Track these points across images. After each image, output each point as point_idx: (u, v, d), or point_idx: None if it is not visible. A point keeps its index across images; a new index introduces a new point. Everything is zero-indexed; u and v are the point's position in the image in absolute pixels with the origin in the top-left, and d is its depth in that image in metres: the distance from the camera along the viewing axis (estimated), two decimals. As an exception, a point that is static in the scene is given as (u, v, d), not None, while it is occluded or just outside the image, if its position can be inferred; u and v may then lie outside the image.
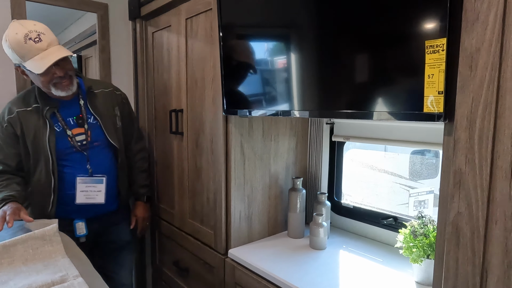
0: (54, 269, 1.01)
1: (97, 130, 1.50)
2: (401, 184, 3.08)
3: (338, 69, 0.99)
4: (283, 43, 1.17)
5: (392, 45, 0.85)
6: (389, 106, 0.88)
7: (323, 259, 1.32)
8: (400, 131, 1.36)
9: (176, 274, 1.76)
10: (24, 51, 1.27)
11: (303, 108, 1.11)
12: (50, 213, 1.44)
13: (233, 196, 1.40)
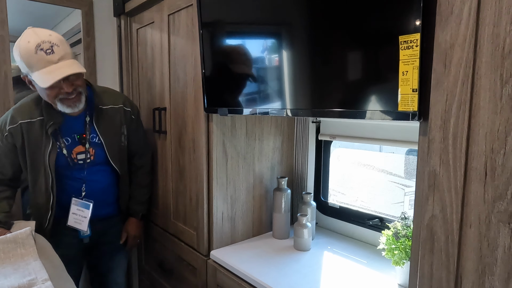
0: (24, 273, 0.98)
1: (100, 150, 1.43)
2: (396, 183, 3.06)
3: (323, 67, 0.96)
4: (265, 40, 1.13)
5: (368, 41, 0.81)
6: (369, 104, 0.84)
7: (307, 260, 1.29)
8: (388, 130, 1.33)
9: (161, 275, 1.74)
10: (33, 62, 1.17)
11: (286, 107, 1.07)
12: (46, 230, 1.40)
13: (215, 196, 1.37)
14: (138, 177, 1.63)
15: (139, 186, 1.64)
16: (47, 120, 1.32)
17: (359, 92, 0.84)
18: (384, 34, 0.78)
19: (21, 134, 1.33)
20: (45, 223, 1.40)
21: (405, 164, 2.83)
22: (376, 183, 3.17)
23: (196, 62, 1.35)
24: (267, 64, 1.11)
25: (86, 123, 1.40)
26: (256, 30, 1.17)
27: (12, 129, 1.32)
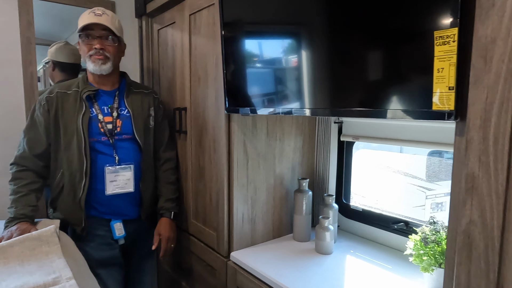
0: (48, 270, 0.99)
1: (127, 123, 1.48)
2: (417, 186, 2.97)
3: (345, 66, 0.93)
4: (287, 39, 1.11)
5: (399, 37, 0.78)
6: (398, 103, 0.81)
7: (329, 264, 1.26)
8: (413, 131, 1.28)
9: (180, 275, 1.73)
10: (83, 19, 1.37)
11: (305, 106, 1.05)
12: (81, 200, 1.38)
13: (235, 197, 1.36)
14: (164, 173, 1.60)
15: (167, 183, 1.60)
16: (82, 88, 1.42)
17: (394, 92, 0.81)
18: (415, 29, 0.75)
19: (56, 102, 1.40)
20: (79, 192, 1.38)
21: (427, 166, 2.75)
22: (396, 186, 3.09)
23: (217, 62, 1.34)
24: (288, 63, 1.09)
25: (116, 95, 1.49)
26: (278, 29, 1.15)
27: (48, 97, 1.40)
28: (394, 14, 0.78)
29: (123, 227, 1.47)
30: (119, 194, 1.44)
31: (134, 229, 1.52)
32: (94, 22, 1.36)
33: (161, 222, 1.56)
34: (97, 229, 1.44)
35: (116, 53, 1.44)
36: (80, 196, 1.38)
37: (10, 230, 1.21)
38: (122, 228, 1.47)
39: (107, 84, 1.48)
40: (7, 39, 1.69)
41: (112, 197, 1.44)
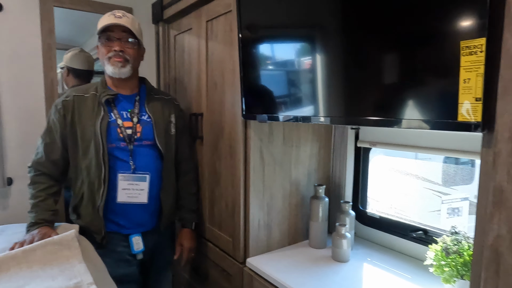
0: (70, 275, 1.01)
1: (148, 128, 1.42)
2: (432, 190, 2.91)
3: (364, 73, 0.93)
4: (305, 45, 1.11)
5: (423, 46, 0.77)
6: (419, 113, 0.80)
7: (346, 272, 1.24)
8: (432, 138, 1.26)
9: (195, 280, 1.74)
10: (103, 20, 1.35)
11: (325, 114, 1.05)
12: (99, 209, 1.35)
13: (251, 203, 1.36)
14: (186, 184, 1.58)
15: (189, 194, 1.59)
16: (101, 92, 1.38)
17: (416, 101, 0.80)
18: (439, 37, 0.73)
19: (72, 106, 1.36)
20: (98, 200, 1.34)
21: (443, 170, 2.69)
22: (411, 190, 3.03)
23: (234, 68, 1.34)
24: (305, 69, 1.09)
25: (136, 101, 1.45)
26: (295, 34, 1.14)
27: (65, 101, 1.37)
28: (417, 20, 0.78)
29: (141, 241, 1.43)
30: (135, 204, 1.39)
31: (153, 242, 1.48)
32: (114, 24, 1.32)
33: (183, 233, 1.56)
34: (116, 245, 1.40)
35: (136, 56, 1.41)
36: (99, 205, 1.35)
37: (31, 234, 1.22)
38: (141, 242, 1.43)
39: (126, 88, 1.44)
40: (29, 46, 1.74)
41: (130, 206, 1.39)
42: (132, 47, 1.38)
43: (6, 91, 1.70)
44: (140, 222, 1.43)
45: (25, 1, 1.71)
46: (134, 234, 1.42)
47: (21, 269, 1.03)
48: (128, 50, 1.37)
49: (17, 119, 1.73)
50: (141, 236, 1.43)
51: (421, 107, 0.80)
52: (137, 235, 1.42)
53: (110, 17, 1.36)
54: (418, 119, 0.80)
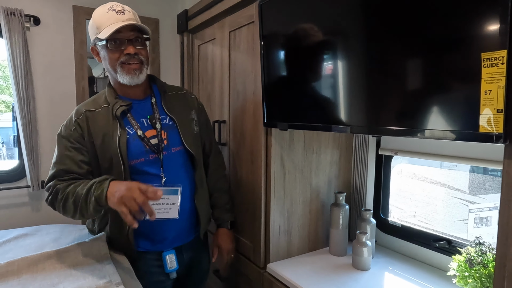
0: (99, 275, 1.06)
1: (174, 133, 1.27)
2: (459, 199, 2.82)
3: (385, 84, 0.94)
4: (326, 53, 1.13)
5: (444, 56, 0.78)
6: (441, 123, 0.80)
7: (367, 281, 1.24)
8: (457, 147, 1.24)
9: (216, 283, 1.78)
10: (103, 20, 1.15)
11: (346, 123, 1.06)
12: (129, 234, 1.21)
13: (272, 209, 1.38)
14: (217, 182, 1.45)
15: (221, 192, 1.46)
16: (113, 104, 1.20)
17: (436, 112, 0.80)
18: (460, 48, 0.74)
19: (87, 124, 1.20)
20: (126, 226, 1.19)
21: (470, 179, 2.61)
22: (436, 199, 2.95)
23: (256, 77, 1.38)
24: (325, 78, 1.11)
25: (153, 104, 1.28)
26: (316, 43, 1.16)
27: (78, 119, 1.20)
28: (438, 32, 0.78)
29: (175, 259, 1.28)
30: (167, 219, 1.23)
31: (188, 256, 1.35)
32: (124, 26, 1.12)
33: (219, 233, 1.44)
34: (149, 266, 1.27)
35: (148, 56, 1.24)
36: (128, 229, 1.20)
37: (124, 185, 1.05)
38: (175, 260, 1.28)
39: (139, 93, 1.27)
40: (63, 57, 1.85)
41: (162, 222, 1.22)
42: (145, 47, 1.22)
43: (42, 99, 1.81)
44: (174, 238, 1.29)
45: (60, 15, 1.83)
46: (168, 251, 1.28)
47: (55, 268, 1.10)
48: (142, 51, 1.20)
49: (51, 126, 1.84)
50: (174, 253, 1.29)
51: (443, 117, 0.80)
52: (170, 252, 1.28)
53: (111, 14, 1.15)
54: (440, 130, 0.80)
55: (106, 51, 1.17)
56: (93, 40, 1.20)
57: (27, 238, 1.35)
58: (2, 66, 11.55)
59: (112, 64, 1.18)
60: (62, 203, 1.13)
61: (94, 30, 1.18)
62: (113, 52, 1.16)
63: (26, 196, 1.83)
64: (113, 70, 1.20)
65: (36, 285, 1.01)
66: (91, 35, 1.21)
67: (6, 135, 6.90)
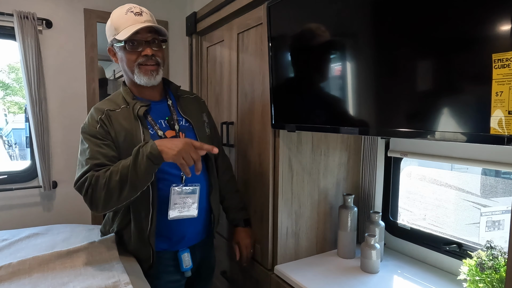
0: (108, 274, 1.07)
1: (190, 134, 1.29)
2: (470, 202, 2.78)
3: (394, 84, 0.93)
4: (335, 54, 1.12)
5: (454, 57, 0.77)
6: (451, 125, 0.80)
7: (375, 284, 1.23)
8: (468, 149, 1.22)
9: (223, 284, 1.78)
10: (121, 22, 1.17)
11: (354, 124, 1.05)
12: (150, 236, 1.20)
13: (280, 211, 1.38)
14: (227, 184, 1.48)
15: (233, 192, 1.49)
16: (133, 104, 1.21)
17: (446, 113, 0.79)
18: (470, 48, 0.73)
19: (110, 121, 1.19)
20: (147, 226, 1.20)
21: (482, 181, 2.57)
22: (447, 201, 2.91)
23: (263, 79, 1.38)
24: (334, 80, 1.10)
25: (169, 106, 1.30)
26: (324, 45, 1.16)
27: (102, 117, 1.19)
28: (448, 33, 0.77)
29: (190, 258, 1.30)
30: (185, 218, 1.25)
31: (199, 254, 1.37)
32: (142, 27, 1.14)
33: (237, 232, 1.47)
34: (165, 265, 1.28)
35: (164, 58, 1.26)
36: (149, 230, 1.20)
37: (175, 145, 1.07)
38: (190, 258, 1.30)
39: (156, 94, 1.28)
40: (74, 59, 1.88)
41: (181, 222, 1.24)
42: (161, 49, 1.24)
43: (54, 101, 1.85)
44: (190, 237, 1.31)
45: (71, 18, 1.86)
46: (183, 251, 1.29)
47: (65, 267, 1.11)
48: (158, 53, 1.21)
49: (62, 127, 1.87)
50: (189, 252, 1.30)
51: (453, 119, 0.79)
52: (186, 251, 1.30)
53: (129, 16, 1.17)
54: (450, 132, 0.79)
55: (123, 52, 1.19)
56: (111, 41, 1.21)
57: (39, 237, 1.38)
58: (15, 68, 11.78)
59: (129, 65, 1.20)
60: (106, 186, 1.10)
61: (112, 31, 1.19)
62: (131, 54, 1.18)
63: (38, 196, 1.86)
64: (130, 71, 1.21)
65: (47, 284, 1.02)
66: (109, 36, 1.22)
67: (19, 136, 7.04)
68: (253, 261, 1.51)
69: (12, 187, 1.79)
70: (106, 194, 1.10)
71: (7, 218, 1.79)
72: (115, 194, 1.10)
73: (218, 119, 1.77)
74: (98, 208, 1.14)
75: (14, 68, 11.26)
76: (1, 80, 11.42)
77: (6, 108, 10.31)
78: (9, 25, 1.72)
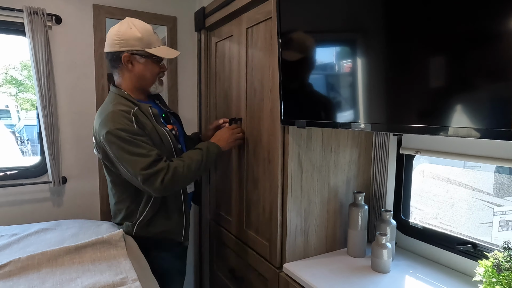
0: (116, 271, 1.07)
1: (177, 125, 1.59)
2: (483, 201, 2.72)
3: (408, 78, 0.90)
4: (345, 50, 1.10)
5: (473, 50, 0.73)
6: (467, 121, 0.77)
7: (386, 284, 1.20)
8: (483, 146, 1.19)
9: (231, 282, 1.77)
10: (153, 39, 1.42)
11: (366, 120, 1.02)
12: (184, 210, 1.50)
13: (289, 208, 1.36)
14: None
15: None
16: (144, 106, 1.40)
17: (463, 108, 0.76)
18: (491, 44, 0.70)
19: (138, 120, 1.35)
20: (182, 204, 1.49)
21: (495, 180, 2.52)
22: (459, 200, 2.85)
23: (273, 74, 1.36)
24: (345, 75, 1.08)
25: (158, 104, 1.58)
26: (335, 39, 1.14)
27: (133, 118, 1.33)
28: (467, 24, 0.74)
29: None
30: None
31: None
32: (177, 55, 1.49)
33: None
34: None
35: None
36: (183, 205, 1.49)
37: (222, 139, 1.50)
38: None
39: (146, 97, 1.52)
40: (84, 55, 1.87)
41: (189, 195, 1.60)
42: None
43: (63, 97, 1.85)
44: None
45: (80, 14, 1.85)
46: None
47: (74, 263, 1.11)
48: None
49: (71, 123, 1.87)
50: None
51: (469, 114, 0.77)
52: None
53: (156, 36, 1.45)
54: (466, 127, 0.76)
55: (151, 65, 1.43)
56: (135, 50, 1.39)
57: (48, 232, 1.39)
58: (28, 66, 11.98)
59: (153, 76, 1.46)
60: (186, 174, 1.35)
61: (142, 44, 1.39)
62: (158, 67, 1.46)
63: (48, 191, 1.87)
64: (151, 80, 1.46)
65: (55, 279, 1.03)
66: (133, 45, 1.38)
67: (31, 132, 7.14)
68: (261, 259, 1.49)
69: (22, 182, 1.80)
70: (186, 179, 1.38)
71: (17, 213, 1.80)
72: (192, 179, 1.49)
73: (227, 115, 1.75)
74: (173, 189, 1.37)
75: (26, 66, 11.45)
76: (14, 77, 11.63)
77: (19, 105, 10.50)
78: (19, 21, 1.72)
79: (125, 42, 1.38)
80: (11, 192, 1.79)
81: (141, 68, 1.42)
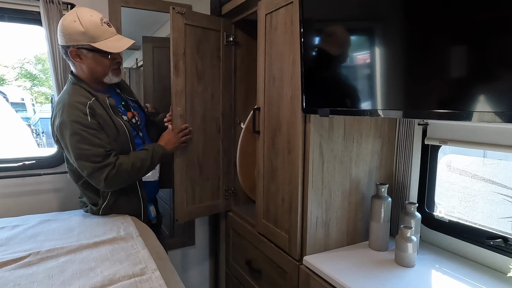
0: (135, 261, 1.05)
1: (139, 111, 1.64)
2: (504, 195, 2.66)
3: (430, 62, 0.86)
4: (369, 36, 1.05)
5: (498, 32, 0.69)
6: (493, 105, 0.74)
7: (412, 278, 1.16)
8: (509, 135, 1.12)
9: (249, 274, 1.75)
10: (100, 32, 1.36)
11: (390, 107, 0.98)
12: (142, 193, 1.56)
13: (310, 200, 1.32)
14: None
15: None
16: (101, 96, 1.41)
17: (488, 91, 0.71)
18: None
19: (94, 112, 1.36)
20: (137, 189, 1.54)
21: (515, 173, 2.46)
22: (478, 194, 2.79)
23: (294, 61, 1.31)
24: (369, 61, 1.03)
25: (119, 93, 1.59)
26: (359, 25, 1.08)
27: (88, 109, 1.34)
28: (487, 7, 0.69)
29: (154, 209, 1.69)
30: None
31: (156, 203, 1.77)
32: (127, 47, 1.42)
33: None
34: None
35: None
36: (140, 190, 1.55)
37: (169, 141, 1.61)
38: (154, 210, 1.69)
39: (106, 86, 1.51)
40: (99, 45, 1.85)
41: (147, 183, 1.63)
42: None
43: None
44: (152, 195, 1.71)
45: (95, 2, 1.83)
46: (150, 204, 1.67)
47: (92, 253, 1.10)
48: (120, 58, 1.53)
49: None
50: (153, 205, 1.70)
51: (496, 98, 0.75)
52: (151, 205, 1.68)
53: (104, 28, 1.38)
54: (493, 112, 0.73)
55: (98, 58, 1.40)
56: (81, 44, 1.36)
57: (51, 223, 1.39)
58: (42, 59, 12.07)
59: (105, 69, 1.44)
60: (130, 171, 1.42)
61: (86, 38, 1.35)
62: (110, 60, 1.42)
63: (64, 182, 1.87)
64: (102, 73, 1.45)
65: (74, 268, 1.01)
66: (77, 40, 1.35)
67: (46, 125, 7.25)
68: (280, 251, 1.46)
69: (40, 172, 1.80)
70: (129, 177, 1.44)
71: (34, 203, 1.81)
72: (136, 177, 1.50)
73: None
74: (117, 186, 1.43)
75: (40, 60, 11.58)
76: (29, 71, 11.78)
77: (34, 98, 10.66)
78: (35, 10, 1.71)
79: (69, 36, 1.35)
80: (29, 182, 1.80)
81: (90, 62, 1.40)
